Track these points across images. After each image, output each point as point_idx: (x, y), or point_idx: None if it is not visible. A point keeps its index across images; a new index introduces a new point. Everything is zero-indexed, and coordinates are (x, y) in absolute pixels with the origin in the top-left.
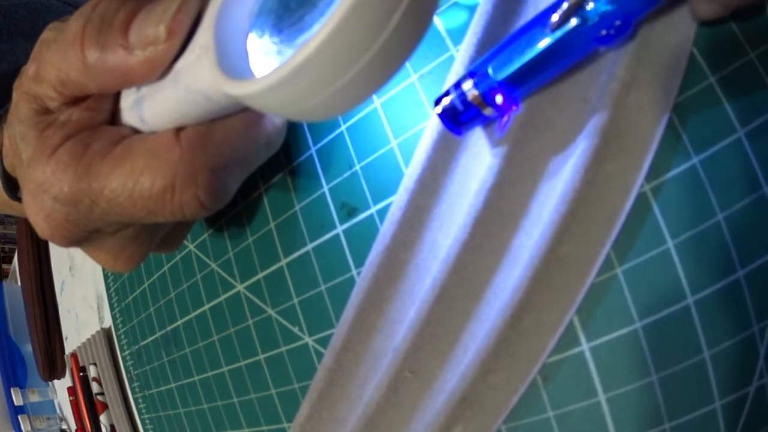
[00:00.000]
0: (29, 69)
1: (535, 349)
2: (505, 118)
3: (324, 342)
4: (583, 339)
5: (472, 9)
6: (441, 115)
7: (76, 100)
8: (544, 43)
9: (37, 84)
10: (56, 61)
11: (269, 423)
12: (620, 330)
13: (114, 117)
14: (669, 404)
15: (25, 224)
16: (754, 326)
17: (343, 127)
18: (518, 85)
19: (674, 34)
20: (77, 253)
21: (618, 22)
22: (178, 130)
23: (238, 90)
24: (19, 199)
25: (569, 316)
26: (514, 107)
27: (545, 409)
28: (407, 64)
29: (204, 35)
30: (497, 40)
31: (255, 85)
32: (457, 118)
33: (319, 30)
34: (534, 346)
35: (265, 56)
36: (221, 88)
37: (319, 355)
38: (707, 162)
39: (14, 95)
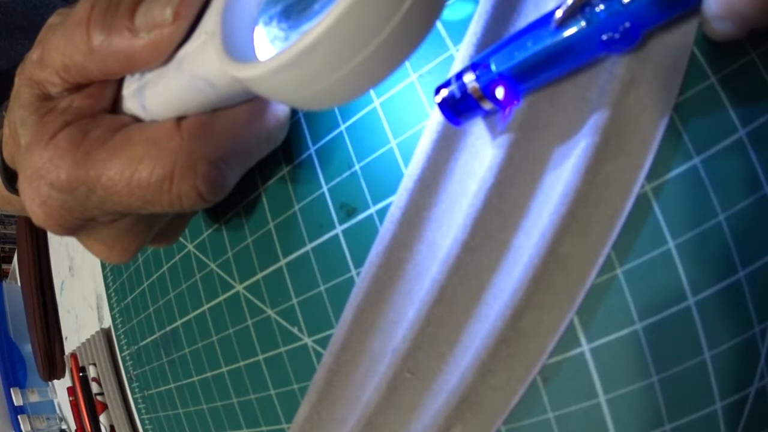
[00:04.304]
0: (33, 53)
1: (535, 350)
2: (507, 111)
3: (323, 342)
4: (583, 340)
5: (476, 1)
6: (440, 105)
7: (78, 87)
8: (548, 40)
9: (41, 69)
10: (61, 45)
11: (268, 423)
12: (621, 331)
13: (115, 105)
14: (669, 405)
15: (25, 224)
16: (755, 327)
17: (343, 127)
18: (519, 81)
19: (675, 34)
20: (77, 253)
21: (625, 26)
22: (180, 119)
23: (245, 72)
24: (17, 191)
25: (569, 316)
26: (515, 102)
27: (545, 410)
28: (407, 64)
29: (211, 20)
30: (497, 39)
31: (262, 67)
32: (457, 109)
33: (328, 13)
34: (534, 346)
35: (272, 43)
36: (227, 71)
37: (319, 356)
38: (708, 162)
39: (16, 80)
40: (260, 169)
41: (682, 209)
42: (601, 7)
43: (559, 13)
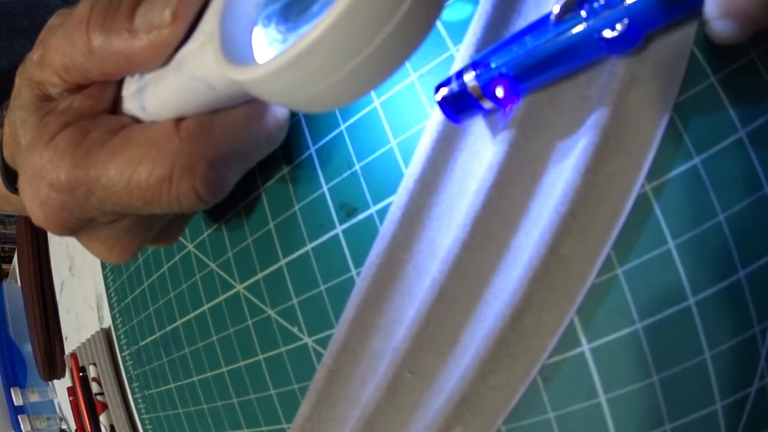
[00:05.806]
0: (34, 54)
1: (535, 350)
2: (507, 110)
3: (323, 342)
4: (583, 339)
5: (475, 2)
6: (440, 103)
7: (78, 88)
8: (547, 38)
9: (41, 69)
10: (61, 46)
11: (269, 423)
12: (621, 330)
13: (115, 106)
14: (670, 405)
15: (25, 224)
16: (755, 327)
17: (343, 127)
18: (519, 80)
19: (675, 34)
20: (77, 253)
21: (623, 23)
22: (179, 120)
23: (242, 75)
24: (17, 191)
25: (569, 316)
26: (515, 101)
27: (545, 410)
28: (407, 64)
29: (210, 22)
30: (497, 39)
31: (259, 69)
32: (456, 107)
33: (326, 15)
34: (534, 346)
35: (270, 45)
36: (225, 73)
37: (319, 356)
38: (708, 162)
39: (17, 80)
40: (260, 169)
41: (683, 209)
42: (600, 2)
43: (556, 8)
